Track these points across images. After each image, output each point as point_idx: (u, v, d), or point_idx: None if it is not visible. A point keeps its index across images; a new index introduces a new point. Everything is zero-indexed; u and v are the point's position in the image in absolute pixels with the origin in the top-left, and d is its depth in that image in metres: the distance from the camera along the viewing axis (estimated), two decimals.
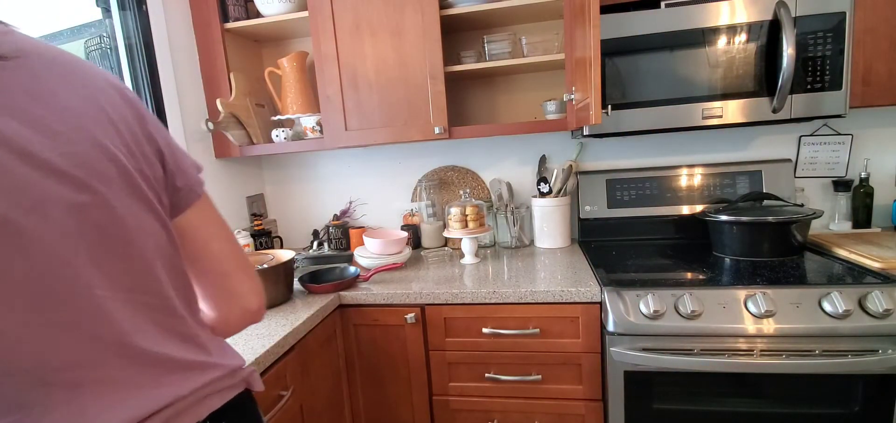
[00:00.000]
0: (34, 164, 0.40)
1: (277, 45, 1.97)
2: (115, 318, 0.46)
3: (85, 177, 0.43)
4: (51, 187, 0.41)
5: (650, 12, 1.37)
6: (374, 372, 1.48)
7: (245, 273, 0.64)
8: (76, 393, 0.43)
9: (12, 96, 0.40)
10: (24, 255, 0.39)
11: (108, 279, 0.45)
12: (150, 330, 0.50)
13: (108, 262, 0.46)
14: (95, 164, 0.44)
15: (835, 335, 1.12)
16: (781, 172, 1.64)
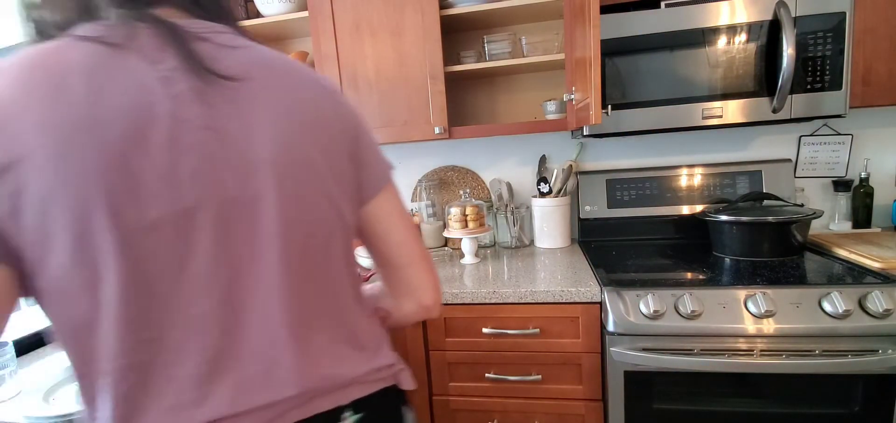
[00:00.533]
0: (251, 169, 0.47)
1: (277, 45, 1.97)
2: (288, 305, 0.51)
3: (282, 180, 0.49)
4: (259, 187, 0.47)
5: (650, 12, 1.37)
6: None
7: (421, 267, 0.65)
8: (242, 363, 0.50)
9: (237, 108, 0.47)
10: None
11: (288, 268, 0.51)
12: (316, 320, 0.54)
13: (290, 254, 0.51)
14: (297, 169, 0.50)
15: (835, 335, 1.12)
16: (781, 172, 1.64)
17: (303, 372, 0.52)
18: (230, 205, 0.46)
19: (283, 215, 0.49)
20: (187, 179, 0.44)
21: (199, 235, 0.45)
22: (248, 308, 0.49)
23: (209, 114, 0.46)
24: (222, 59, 0.48)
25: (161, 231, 0.44)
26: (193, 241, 0.45)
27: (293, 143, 0.50)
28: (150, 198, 0.43)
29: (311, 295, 0.53)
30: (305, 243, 0.52)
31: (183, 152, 0.44)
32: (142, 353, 0.45)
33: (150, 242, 0.43)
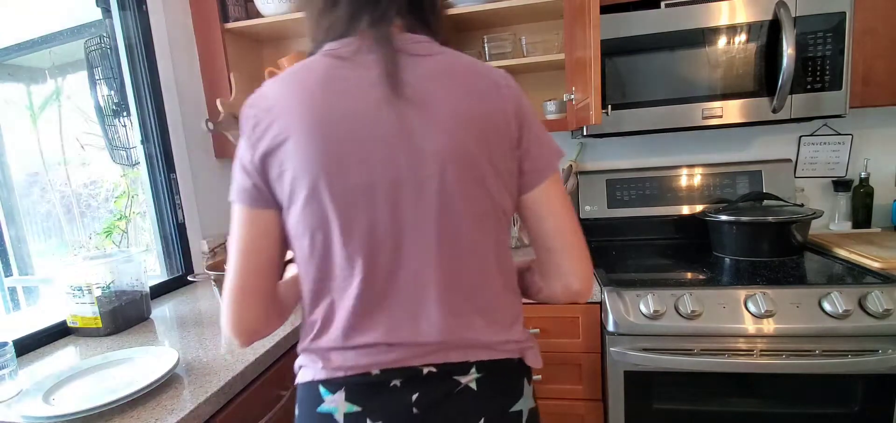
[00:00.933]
0: (422, 157, 0.60)
1: (277, 45, 1.97)
2: (437, 270, 0.63)
3: (444, 169, 0.60)
4: (426, 172, 0.60)
5: (650, 12, 1.37)
6: None
7: (573, 255, 0.69)
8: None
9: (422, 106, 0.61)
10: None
11: (441, 241, 0.63)
12: (460, 288, 0.65)
13: (443, 230, 0.63)
14: (458, 161, 0.61)
15: (835, 335, 1.12)
16: (781, 172, 1.64)
17: (442, 326, 0.63)
18: (401, 184, 0.60)
19: (442, 198, 0.61)
20: (375, 162, 0.60)
21: (379, 202, 0.60)
22: (405, 265, 0.62)
23: (396, 114, 0.60)
24: (413, 69, 0.61)
25: (357, 196, 0.60)
26: (375, 207, 0.60)
27: (458, 139, 0.61)
28: (351, 174, 0.59)
29: (458, 268, 0.64)
30: (458, 223, 0.63)
31: (375, 143, 0.59)
32: (344, 279, 0.63)
33: (350, 203, 0.60)
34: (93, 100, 1.54)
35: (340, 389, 0.64)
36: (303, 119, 0.59)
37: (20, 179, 2.80)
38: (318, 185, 0.59)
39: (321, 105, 0.59)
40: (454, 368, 0.65)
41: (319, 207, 0.60)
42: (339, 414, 0.63)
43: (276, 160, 0.60)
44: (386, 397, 0.63)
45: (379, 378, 0.63)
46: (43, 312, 1.43)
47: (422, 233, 0.62)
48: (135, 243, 2.88)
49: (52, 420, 0.79)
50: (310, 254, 0.63)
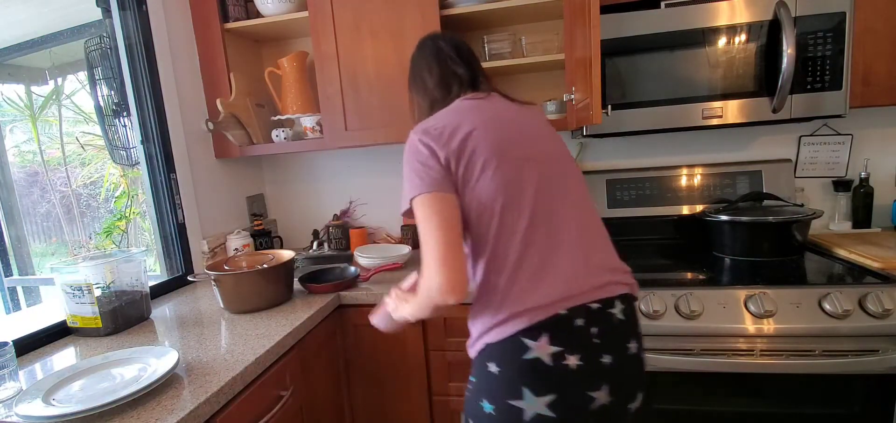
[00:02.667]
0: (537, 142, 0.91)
1: (277, 45, 1.97)
2: (583, 225, 0.88)
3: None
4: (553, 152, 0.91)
5: (650, 12, 1.37)
6: (374, 372, 1.48)
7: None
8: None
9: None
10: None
11: (581, 201, 0.91)
12: (599, 238, 0.90)
13: (581, 194, 0.92)
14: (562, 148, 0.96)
15: (835, 335, 1.12)
16: (781, 172, 1.64)
17: (595, 268, 0.84)
18: (547, 158, 0.89)
19: (572, 167, 0.92)
20: (528, 141, 0.88)
21: (539, 169, 0.86)
22: (565, 219, 0.85)
23: (527, 118, 0.94)
24: (514, 99, 0.99)
25: (524, 163, 0.85)
26: (537, 171, 0.86)
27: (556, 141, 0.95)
28: (519, 147, 0.86)
29: (593, 223, 0.90)
30: (584, 190, 0.92)
31: (524, 132, 0.89)
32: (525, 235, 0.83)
33: (524, 166, 0.85)
34: (93, 100, 1.54)
35: (542, 335, 0.77)
36: (477, 123, 0.86)
37: (20, 179, 2.80)
38: (501, 155, 0.83)
39: (484, 116, 0.88)
40: (607, 302, 0.82)
41: (503, 171, 0.82)
42: (546, 356, 0.76)
43: (465, 153, 0.83)
44: (575, 334, 0.78)
45: (566, 316, 0.78)
46: (43, 312, 1.43)
47: (569, 197, 0.87)
48: (135, 243, 2.88)
49: (52, 420, 0.79)
50: (500, 213, 0.82)
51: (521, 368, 0.77)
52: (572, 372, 0.76)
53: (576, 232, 0.84)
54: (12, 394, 0.91)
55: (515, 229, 0.82)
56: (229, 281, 1.30)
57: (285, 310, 1.31)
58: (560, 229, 0.83)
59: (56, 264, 1.23)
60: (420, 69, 1.02)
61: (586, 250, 0.84)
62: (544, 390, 0.76)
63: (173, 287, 1.61)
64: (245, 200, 1.99)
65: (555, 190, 0.86)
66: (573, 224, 0.85)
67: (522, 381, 0.77)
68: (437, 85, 0.99)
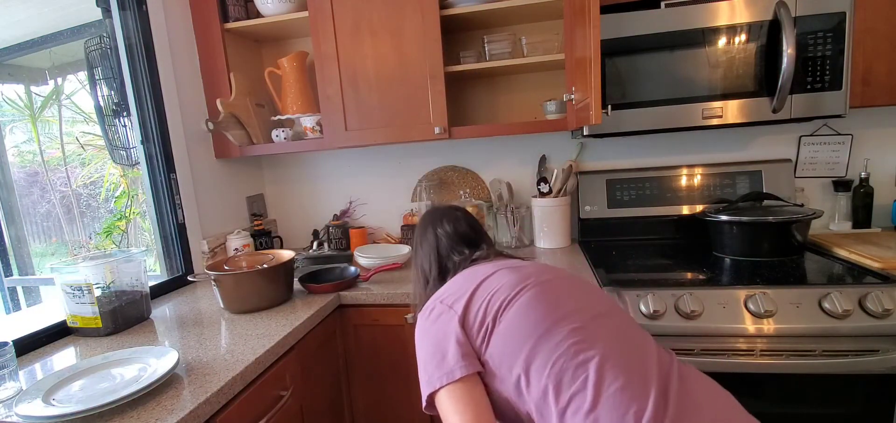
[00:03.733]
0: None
1: (277, 45, 1.97)
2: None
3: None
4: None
5: (650, 12, 1.37)
6: (374, 372, 1.48)
7: None
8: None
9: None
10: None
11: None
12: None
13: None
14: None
15: (835, 335, 1.12)
16: (781, 172, 1.64)
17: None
18: (583, 309, 0.76)
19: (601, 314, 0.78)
20: (523, 273, 0.82)
21: (586, 320, 0.74)
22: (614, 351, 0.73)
23: (520, 277, 0.81)
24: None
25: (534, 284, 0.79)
26: (582, 322, 0.73)
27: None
28: (522, 278, 0.80)
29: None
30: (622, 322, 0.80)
31: (545, 286, 0.79)
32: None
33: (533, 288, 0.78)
34: (93, 100, 1.54)
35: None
36: (488, 292, 0.80)
37: (20, 179, 2.80)
38: (498, 318, 0.76)
39: (494, 284, 0.81)
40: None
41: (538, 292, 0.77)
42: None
43: (476, 304, 0.78)
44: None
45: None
46: (43, 312, 1.43)
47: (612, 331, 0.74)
48: (135, 243, 2.88)
49: (52, 420, 0.79)
50: (549, 342, 0.70)
51: None
52: None
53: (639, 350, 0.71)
54: (12, 394, 0.91)
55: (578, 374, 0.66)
56: (229, 281, 1.30)
57: (285, 310, 1.31)
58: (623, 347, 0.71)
59: (56, 264, 1.23)
60: (418, 253, 1.04)
61: (659, 369, 0.69)
62: None
63: (173, 287, 1.61)
64: (245, 200, 1.99)
65: (600, 327, 0.73)
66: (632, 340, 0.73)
67: None
68: (434, 273, 0.98)
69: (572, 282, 0.82)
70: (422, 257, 1.02)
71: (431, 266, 0.98)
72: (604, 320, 0.73)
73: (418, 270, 1.03)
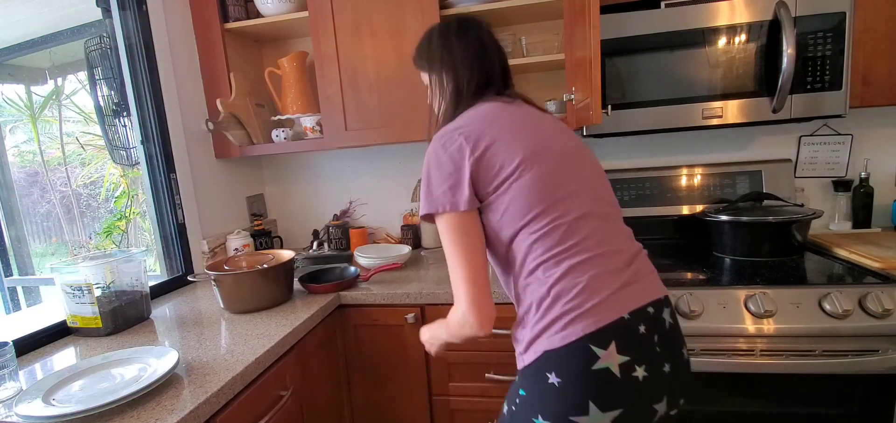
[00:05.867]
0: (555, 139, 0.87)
1: (277, 45, 1.97)
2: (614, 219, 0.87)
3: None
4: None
5: (650, 12, 1.37)
6: (374, 372, 1.48)
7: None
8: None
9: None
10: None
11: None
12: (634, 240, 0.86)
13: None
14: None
15: (835, 335, 1.12)
16: (781, 172, 1.64)
17: (648, 266, 0.85)
18: (569, 156, 0.84)
19: (589, 170, 0.87)
20: (554, 142, 0.85)
21: (567, 168, 0.83)
22: (589, 209, 0.81)
23: (550, 122, 0.89)
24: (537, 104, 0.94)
25: (558, 161, 0.82)
26: (566, 170, 0.82)
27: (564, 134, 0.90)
28: (548, 148, 0.83)
29: (618, 219, 0.87)
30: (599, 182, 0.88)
31: (549, 135, 0.85)
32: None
33: (556, 165, 0.82)
34: (93, 100, 1.54)
35: (610, 341, 0.71)
36: (500, 131, 0.82)
37: (20, 179, 2.80)
38: (517, 163, 0.80)
39: (507, 121, 0.84)
40: (658, 305, 0.78)
41: (538, 177, 0.79)
42: (615, 367, 0.70)
43: (494, 158, 0.81)
44: (640, 342, 0.73)
45: (629, 321, 0.73)
46: (43, 312, 1.43)
47: (604, 197, 0.84)
48: (135, 243, 2.88)
49: (52, 420, 0.79)
50: (545, 217, 0.78)
51: (589, 380, 0.70)
52: (640, 385, 0.71)
53: (619, 231, 0.82)
54: (12, 394, 0.91)
55: (565, 223, 0.77)
56: (229, 281, 1.30)
57: (285, 310, 1.31)
58: (605, 227, 0.80)
59: (56, 264, 1.23)
60: (454, 60, 0.93)
61: (632, 249, 0.81)
62: (612, 404, 0.70)
63: (173, 287, 1.61)
64: (245, 200, 1.99)
65: (592, 188, 0.83)
66: (615, 224, 0.82)
67: (590, 394, 0.70)
68: (471, 86, 0.92)
69: (581, 160, 0.86)
70: (443, 69, 0.94)
71: (454, 85, 0.93)
72: (593, 216, 0.80)
73: (436, 83, 0.96)
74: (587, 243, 0.77)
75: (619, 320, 0.72)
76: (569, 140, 0.88)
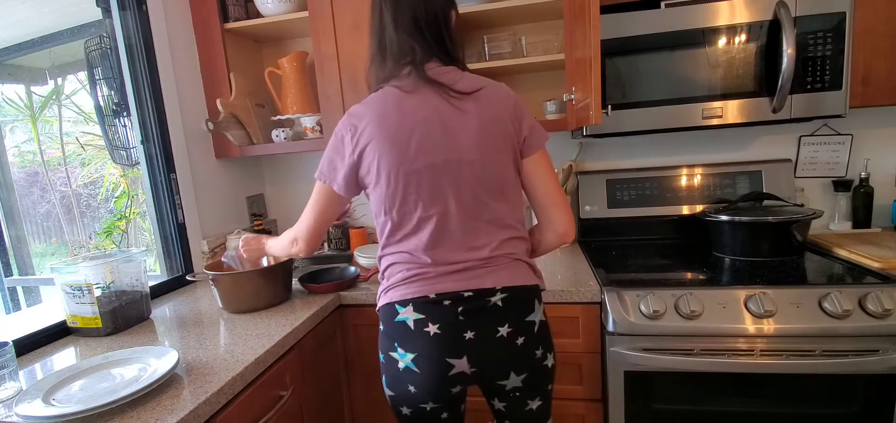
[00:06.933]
0: (459, 146, 0.92)
1: (277, 45, 1.97)
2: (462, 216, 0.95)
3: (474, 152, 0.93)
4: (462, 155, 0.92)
5: (650, 12, 1.37)
6: (374, 372, 1.48)
7: (559, 209, 1.00)
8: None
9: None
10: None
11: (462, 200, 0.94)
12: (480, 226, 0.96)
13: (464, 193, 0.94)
14: (484, 146, 0.93)
15: (835, 335, 1.12)
16: (781, 172, 1.64)
17: (489, 262, 0.95)
18: (447, 164, 0.91)
19: (471, 171, 0.92)
20: (429, 150, 0.91)
21: (437, 178, 0.92)
22: (451, 219, 0.93)
23: (443, 119, 0.92)
24: (454, 86, 0.93)
25: (420, 173, 0.91)
26: (426, 180, 0.92)
27: (485, 133, 0.92)
28: (415, 160, 0.91)
29: (480, 222, 0.95)
30: (477, 186, 0.93)
31: (429, 139, 0.91)
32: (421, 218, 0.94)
33: (415, 177, 0.91)
34: (93, 100, 1.54)
35: (409, 305, 0.93)
36: (383, 130, 0.91)
37: (20, 179, 2.80)
38: (392, 170, 0.91)
39: (395, 121, 0.91)
40: (482, 292, 0.92)
41: (398, 182, 0.91)
42: (410, 321, 0.92)
43: (366, 158, 0.93)
44: (438, 309, 0.91)
45: (434, 299, 0.92)
46: (43, 312, 1.43)
47: (457, 194, 0.92)
48: (135, 243, 2.88)
49: (52, 420, 0.79)
50: (394, 217, 0.94)
51: (395, 328, 0.94)
52: (432, 338, 0.91)
53: (461, 231, 0.93)
54: (12, 394, 0.91)
55: (404, 225, 0.94)
56: (227, 281, 1.30)
57: (285, 310, 1.31)
58: (445, 226, 0.93)
59: (56, 264, 1.23)
60: (382, 22, 0.97)
61: (469, 248, 0.93)
62: (409, 348, 0.92)
63: (173, 287, 1.61)
64: (245, 200, 1.99)
65: (457, 195, 0.92)
66: (459, 224, 0.93)
67: (395, 338, 0.94)
68: (380, 52, 0.97)
69: (457, 167, 0.92)
70: (372, 25, 0.99)
71: (375, 46, 0.98)
72: (441, 218, 0.93)
73: (369, 28, 1.00)
74: (420, 239, 0.93)
75: (422, 296, 0.92)
76: (451, 144, 0.91)
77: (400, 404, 0.97)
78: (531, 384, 0.96)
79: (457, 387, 0.95)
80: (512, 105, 0.96)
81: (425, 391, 0.93)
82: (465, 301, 0.91)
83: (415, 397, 0.94)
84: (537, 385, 0.97)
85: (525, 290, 0.95)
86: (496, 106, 0.94)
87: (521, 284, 0.94)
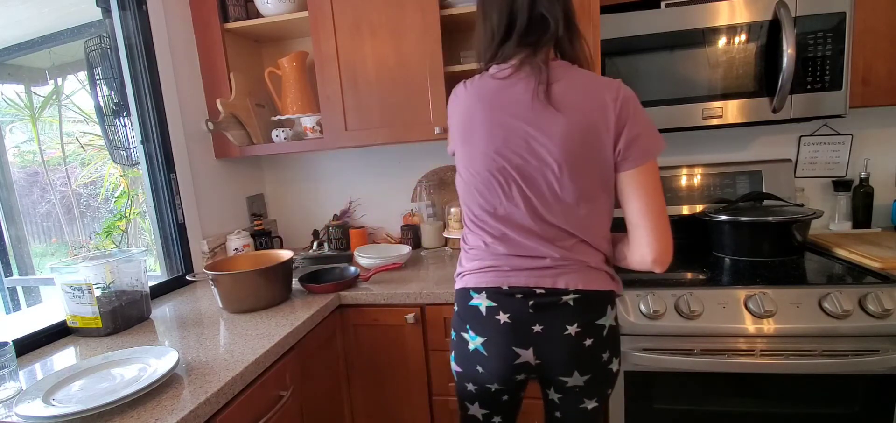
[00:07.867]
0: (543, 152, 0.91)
1: (277, 45, 1.97)
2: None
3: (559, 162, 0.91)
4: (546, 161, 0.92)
5: (650, 12, 1.37)
6: (374, 372, 1.48)
7: (649, 233, 0.93)
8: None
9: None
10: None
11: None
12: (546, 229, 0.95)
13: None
14: (570, 156, 0.90)
15: (835, 335, 1.12)
16: (781, 172, 1.64)
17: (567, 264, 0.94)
18: (526, 167, 0.92)
19: (552, 175, 0.91)
20: (513, 149, 0.92)
21: (509, 175, 0.93)
22: (524, 215, 0.94)
23: (533, 120, 0.90)
24: (552, 85, 0.90)
25: (503, 170, 0.93)
26: (506, 177, 0.94)
27: (570, 142, 0.89)
28: (504, 154, 0.93)
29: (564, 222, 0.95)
30: (556, 191, 0.92)
31: (515, 135, 0.92)
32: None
33: (501, 174, 0.94)
34: (93, 100, 1.54)
35: (483, 292, 0.95)
36: (481, 115, 0.94)
37: (20, 179, 2.80)
38: (488, 156, 0.93)
39: (490, 110, 0.93)
40: (555, 292, 0.92)
41: (493, 169, 0.94)
42: (483, 307, 0.95)
43: (465, 133, 0.96)
44: (511, 301, 0.93)
45: (507, 292, 0.93)
46: (43, 312, 1.43)
47: (537, 200, 0.93)
48: (135, 243, 2.88)
49: (52, 420, 0.79)
50: (479, 203, 0.97)
51: (467, 311, 0.97)
52: (502, 325, 0.93)
53: (533, 234, 0.94)
54: (12, 394, 0.91)
55: (484, 214, 0.97)
56: (227, 281, 1.30)
57: (285, 310, 1.31)
58: (521, 224, 0.94)
59: (56, 264, 1.23)
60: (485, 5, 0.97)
61: (539, 253, 0.94)
62: (480, 332, 0.95)
63: (173, 287, 1.61)
64: (245, 200, 1.99)
65: (528, 188, 0.93)
66: (535, 225, 0.93)
67: (467, 320, 0.97)
68: (497, 36, 0.95)
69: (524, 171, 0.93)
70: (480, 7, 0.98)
71: (502, 23, 0.93)
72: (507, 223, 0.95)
73: (482, 16, 0.97)
74: (498, 231, 0.96)
75: (497, 287, 0.94)
76: (535, 146, 0.91)
77: (466, 380, 1.01)
78: (593, 385, 0.96)
79: (521, 375, 0.97)
80: (614, 114, 0.88)
81: (491, 373, 0.96)
82: (537, 297, 0.92)
83: (481, 376, 0.98)
84: (598, 388, 0.97)
85: (598, 294, 0.95)
86: (591, 115, 0.88)
87: (594, 288, 0.94)
